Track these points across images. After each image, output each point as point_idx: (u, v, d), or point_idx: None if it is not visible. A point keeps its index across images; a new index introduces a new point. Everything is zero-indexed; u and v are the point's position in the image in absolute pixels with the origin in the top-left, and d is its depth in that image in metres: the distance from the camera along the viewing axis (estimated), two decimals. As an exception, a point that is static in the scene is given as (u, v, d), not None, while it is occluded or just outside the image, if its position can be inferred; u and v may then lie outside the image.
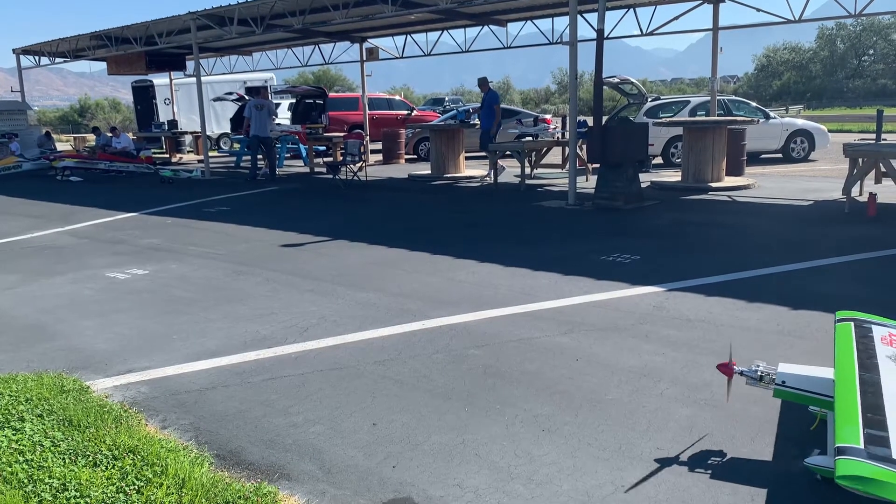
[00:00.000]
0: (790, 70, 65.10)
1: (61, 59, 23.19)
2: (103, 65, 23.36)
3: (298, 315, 5.53)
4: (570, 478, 3.06)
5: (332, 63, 21.76)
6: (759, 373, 3.38)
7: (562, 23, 17.11)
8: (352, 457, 3.29)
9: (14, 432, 3.45)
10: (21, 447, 3.29)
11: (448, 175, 15.07)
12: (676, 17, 15.27)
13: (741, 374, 3.41)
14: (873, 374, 3.12)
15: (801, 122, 17.77)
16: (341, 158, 15.41)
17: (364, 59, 19.87)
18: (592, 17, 14.85)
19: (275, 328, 5.25)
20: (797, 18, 13.73)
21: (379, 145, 20.78)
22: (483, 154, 14.44)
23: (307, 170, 18.09)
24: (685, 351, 4.50)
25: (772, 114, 17.58)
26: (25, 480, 3.00)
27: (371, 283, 6.50)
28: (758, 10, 14.09)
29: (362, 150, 15.06)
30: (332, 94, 24.91)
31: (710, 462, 3.15)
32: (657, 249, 7.54)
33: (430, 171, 15.54)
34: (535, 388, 4.01)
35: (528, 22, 17.55)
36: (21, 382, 4.06)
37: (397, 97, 27.65)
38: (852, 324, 3.73)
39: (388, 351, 4.71)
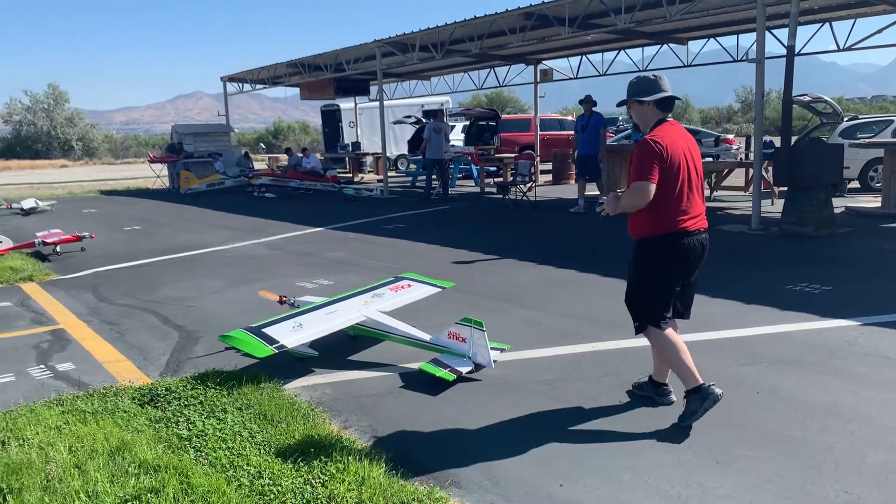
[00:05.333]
0: None
1: (261, 86, 25.42)
2: (296, 90, 25.34)
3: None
4: (746, 514, 2.93)
5: (506, 85, 22.14)
6: (292, 300, 5.76)
7: (747, 39, 16.33)
8: (519, 471, 3.35)
9: (218, 422, 3.85)
10: (224, 436, 3.67)
11: (620, 196, 14.79)
12: (879, 31, 14.05)
13: (286, 302, 5.77)
14: (341, 300, 5.40)
15: None
16: (511, 179, 15.61)
17: (538, 80, 20.06)
18: (781, 33, 14.03)
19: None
20: None
21: (549, 166, 20.83)
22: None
23: (478, 189, 18.50)
24: (881, 390, 4.14)
25: None
26: (227, 465, 3.34)
27: (539, 302, 6.54)
28: (979, 17, 12.65)
29: (532, 170, 15.16)
30: (504, 116, 25.32)
31: (909, 514, 2.89)
32: (851, 280, 6.96)
33: (601, 192, 15.34)
34: (710, 419, 3.85)
35: (711, 39, 16.92)
36: (224, 377, 4.52)
37: (569, 118, 27.58)
38: (397, 276, 6.22)
39: (554, 370, 4.73)
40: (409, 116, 23.84)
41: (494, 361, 4.63)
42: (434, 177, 16.70)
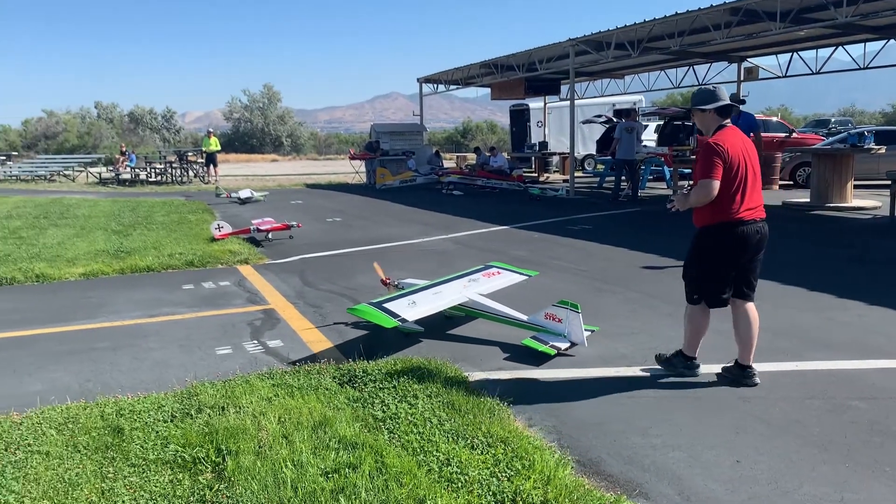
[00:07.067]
0: None
1: (454, 86, 26.16)
2: (485, 90, 25.79)
3: (658, 338, 5.49)
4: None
5: (705, 84, 21.04)
6: (396, 283, 6.42)
7: None
8: (712, 490, 3.19)
9: (409, 406, 4.02)
10: (415, 420, 3.83)
11: (830, 205, 13.58)
12: None
13: (390, 284, 6.45)
14: (442, 283, 5.96)
15: None
16: (708, 182, 14.83)
17: (741, 79, 18.91)
18: None
19: (634, 347, 5.30)
20: None
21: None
22: (881, 182, 12.63)
23: (670, 192, 17.76)
24: None
25: None
26: (418, 450, 3.48)
27: (737, 314, 6.16)
28: None
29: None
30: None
31: None
32: None
33: (808, 199, 14.17)
34: (937, 457, 3.44)
35: (950, 31, 15.03)
36: (415, 364, 4.71)
37: (774, 119, 25.72)
38: (486, 264, 6.80)
39: (754, 388, 4.44)
40: (599, 116, 23.40)
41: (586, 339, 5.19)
42: (623, 178, 16.29)
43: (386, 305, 5.25)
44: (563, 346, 5.11)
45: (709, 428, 3.85)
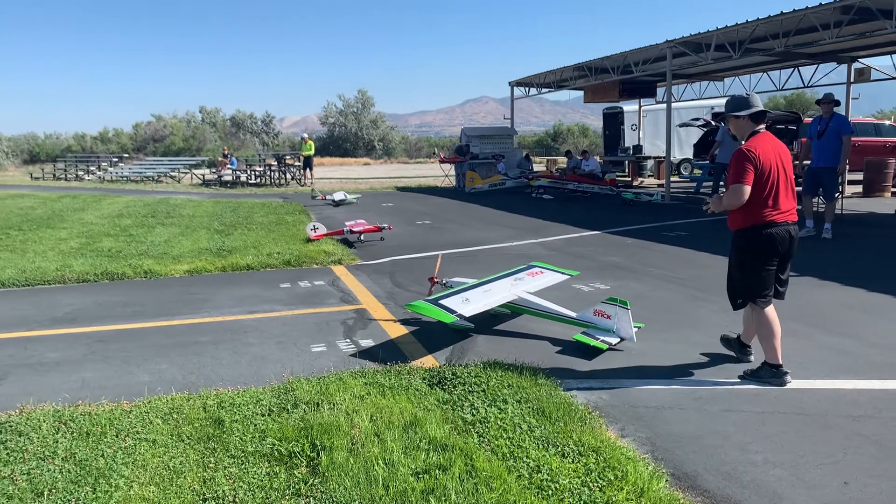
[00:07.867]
0: None
1: (546, 90, 25.94)
2: (577, 93, 25.43)
3: (759, 350, 5.26)
4: None
5: (811, 86, 20.08)
6: (444, 281, 6.64)
7: None
8: (818, 512, 3.03)
9: (499, 411, 4.01)
10: (504, 425, 3.81)
11: (950, 214, 12.68)
12: None
13: (437, 282, 6.68)
14: (489, 281, 6.19)
15: None
16: (813, 189, 14.10)
17: (851, 80, 17.92)
18: None
19: (733, 359, 5.10)
20: None
21: (859, 176, 18.52)
22: None
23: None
24: None
25: None
26: (508, 455, 3.47)
27: (844, 327, 5.85)
28: None
29: (839, 180, 13.56)
30: (807, 120, 23.03)
31: None
32: None
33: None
34: None
35: None
36: (504, 369, 4.70)
37: (887, 122, 24.25)
38: (528, 264, 7.02)
39: (863, 406, 4.19)
40: (696, 119, 22.70)
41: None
42: (721, 182, 15.74)
43: (442, 302, 5.50)
44: (614, 341, 5.32)
45: (814, 446, 3.66)
